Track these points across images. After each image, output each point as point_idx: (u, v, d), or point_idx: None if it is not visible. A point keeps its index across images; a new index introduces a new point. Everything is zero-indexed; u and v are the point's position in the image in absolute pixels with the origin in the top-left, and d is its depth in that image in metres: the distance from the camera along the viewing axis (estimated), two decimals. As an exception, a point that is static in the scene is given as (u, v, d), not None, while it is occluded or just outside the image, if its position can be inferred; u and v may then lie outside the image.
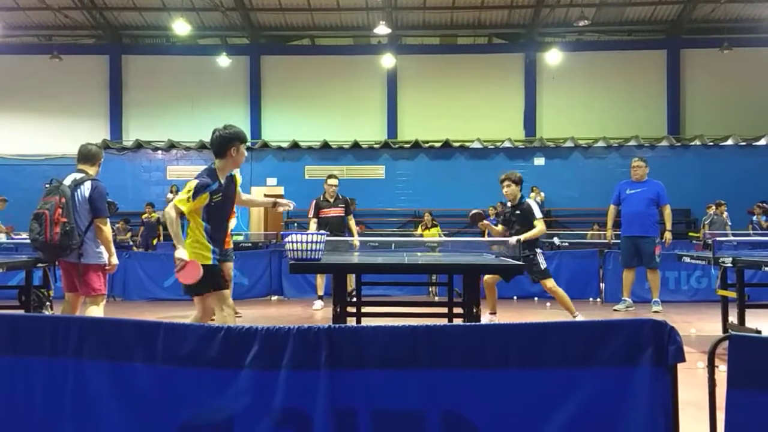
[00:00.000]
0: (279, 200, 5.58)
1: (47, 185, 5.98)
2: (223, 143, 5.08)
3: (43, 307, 6.77)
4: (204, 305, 5.11)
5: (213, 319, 5.13)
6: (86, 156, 6.16)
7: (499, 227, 8.23)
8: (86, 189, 5.89)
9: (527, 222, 7.91)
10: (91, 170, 6.10)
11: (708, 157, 20.89)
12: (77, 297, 6.03)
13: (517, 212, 7.98)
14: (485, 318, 7.54)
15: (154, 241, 17.74)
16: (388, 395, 2.49)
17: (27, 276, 6.71)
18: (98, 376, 2.62)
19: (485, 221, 7.85)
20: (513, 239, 7.30)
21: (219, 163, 5.10)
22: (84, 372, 2.63)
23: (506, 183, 8.00)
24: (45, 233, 5.62)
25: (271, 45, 24.61)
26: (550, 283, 7.87)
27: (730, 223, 16.92)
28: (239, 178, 5.39)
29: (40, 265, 6.58)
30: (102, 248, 5.92)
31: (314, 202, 10.24)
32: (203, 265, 4.86)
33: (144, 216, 18.55)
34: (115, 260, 6.03)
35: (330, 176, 10.38)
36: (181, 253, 4.83)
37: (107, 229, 5.93)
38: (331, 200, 10.11)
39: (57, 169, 23.34)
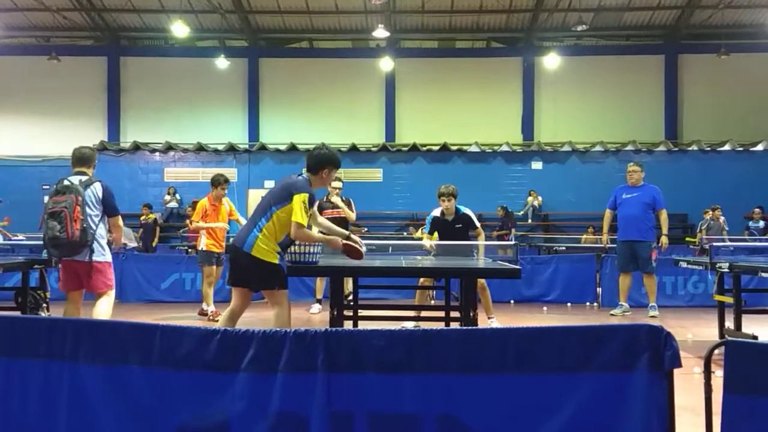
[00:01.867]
0: (353, 236, 5.37)
1: (54, 186, 6.09)
2: (322, 162, 5.13)
3: (39, 309, 6.75)
4: (274, 299, 5.03)
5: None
6: (82, 159, 6.27)
7: (425, 239, 7.93)
8: (98, 190, 6.05)
9: (468, 232, 7.85)
10: (90, 172, 6.22)
11: (705, 162, 20.94)
12: (80, 294, 6.18)
13: (459, 225, 7.81)
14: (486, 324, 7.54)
15: (153, 243, 17.71)
16: (384, 399, 2.49)
17: (24, 277, 6.69)
18: (94, 379, 2.62)
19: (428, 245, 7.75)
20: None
21: (310, 177, 5.14)
22: (80, 374, 2.63)
23: (447, 198, 7.72)
24: (66, 230, 5.77)
25: (269, 47, 24.63)
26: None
27: (727, 228, 16.95)
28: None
29: (36, 266, 6.56)
30: (106, 248, 6.11)
31: (317, 203, 10.13)
32: (272, 264, 4.90)
33: (142, 218, 18.53)
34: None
35: (335, 179, 10.25)
36: (334, 239, 5.11)
37: (121, 224, 6.25)
38: (335, 202, 10.04)
39: (54, 170, 23.49)
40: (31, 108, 23.66)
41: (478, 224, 7.92)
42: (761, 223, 18.17)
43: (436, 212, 7.94)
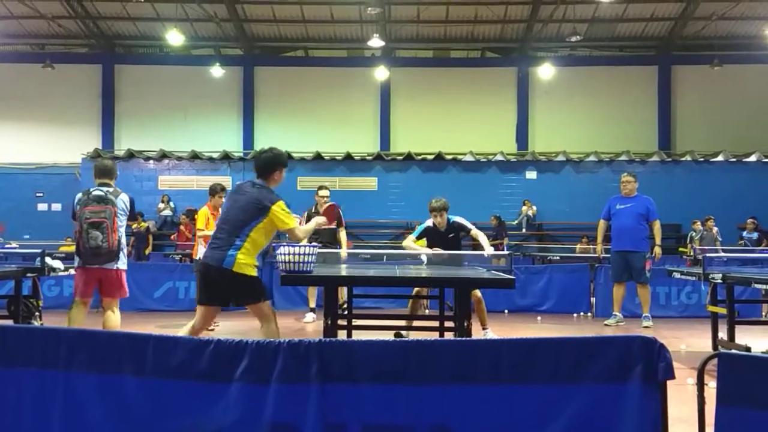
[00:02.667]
0: (319, 220, 5.76)
1: (82, 196, 6.29)
2: (271, 165, 5.31)
3: (32, 318, 6.72)
4: (260, 312, 5.09)
5: (212, 330, 5.16)
6: (105, 171, 6.54)
7: (411, 242, 7.88)
8: (126, 200, 6.44)
9: (460, 239, 7.79)
10: (113, 183, 6.53)
11: (698, 173, 21.01)
12: (91, 299, 6.61)
13: (451, 235, 7.70)
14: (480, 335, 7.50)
15: (146, 251, 17.64)
16: (378, 409, 2.49)
17: (16, 286, 6.65)
18: (88, 388, 2.61)
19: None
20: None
21: (263, 182, 5.28)
22: (73, 383, 2.62)
23: (440, 213, 7.61)
24: (108, 240, 6.12)
25: (264, 56, 24.65)
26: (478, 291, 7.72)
27: (720, 239, 16.99)
28: None
29: (29, 275, 6.54)
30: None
31: (305, 213, 10.09)
32: (253, 277, 5.02)
33: (134, 226, 18.45)
34: None
35: (320, 187, 10.14)
36: (319, 218, 5.64)
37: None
38: (322, 212, 9.98)
39: (48, 177, 23.49)
40: (25, 115, 23.61)
41: (470, 226, 7.82)
42: (755, 235, 18.23)
43: (429, 222, 7.91)
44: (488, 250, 7.36)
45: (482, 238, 7.75)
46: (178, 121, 23.62)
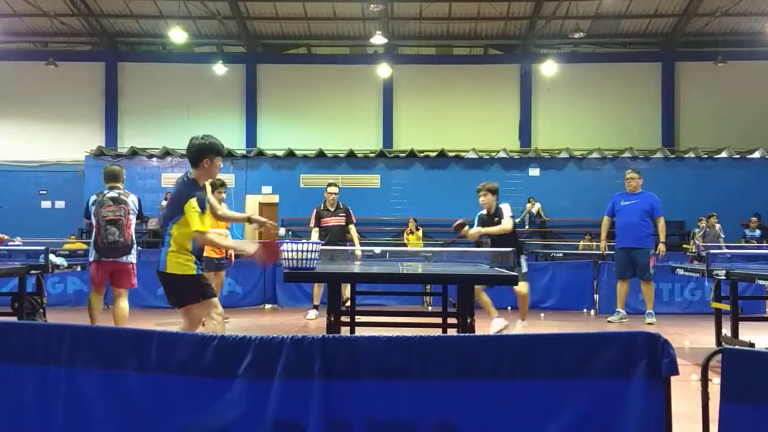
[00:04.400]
0: (254, 216, 5.49)
1: (97, 197, 7.11)
2: (198, 153, 4.95)
3: (36, 315, 6.76)
4: (190, 316, 5.03)
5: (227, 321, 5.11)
6: (114, 176, 7.30)
7: (474, 230, 8.29)
8: (135, 201, 7.26)
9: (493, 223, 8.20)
10: (121, 186, 7.29)
11: (702, 170, 20.97)
12: (104, 289, 7.31)
13: (495, 219, 8.21)
14: (499, 324, 7.63)
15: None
16: (381, 406, 2.49)
17: (20, 283, 6.67)
18: (91, 384, 2.61)
19: (466, 228, 8.15)
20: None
21: (194, 173, 4.98)
22: (77, 380, 2.62)
23: (483, 192, 8.33)
24: (123, 235, 6.92)
25: (267, 54, 24.65)
26: (523, 288, 8.18)
27: (723, 236, 16.97)
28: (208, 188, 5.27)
29: (33, 272, 6.58)
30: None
31: (315, 211, 10.02)
32: (186, 276, 4.83)
33: (153, 225, 18.43)
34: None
35: (330, 184, 10.07)
36: (249, 246, 5.00)
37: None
38: (332, 209, 9.85)
39: (52, 175, 23.53)
40: (28, 113, 23.65)
41: (506, 216, 8.27)
42: (757, 232, 18.24)
43: (482, 210, 8.37)
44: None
45: (494, 228, 8.04)
46: (180, 118, 23.62)
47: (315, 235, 9.60)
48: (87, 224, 7.61)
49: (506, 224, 8.11)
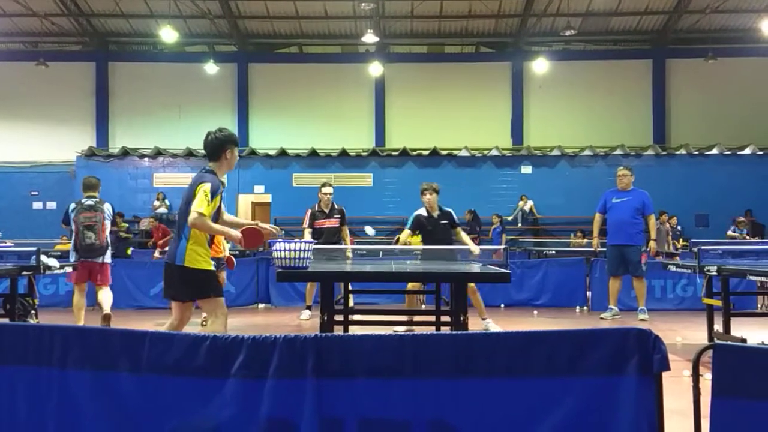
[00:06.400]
0: (261, 225, 5.42)
1: (75, 206, 8.08)
2: (219, 145, 5.03)
3: (28, 316, 6.74)
4: (181, 312, 5.02)
5: (204, 325, 5.10)
6: (91, 186, 8.24)
7: (407, 236, 8.11)
8: (109, 209, 8.21)
9: (450, 229, 8.05)
10: (97, 195, 8.18)
11: (693, 166, 21.06)
12: (86, 285, 8.14)
13: (444, 222, 8.00)
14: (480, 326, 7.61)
15: (128, 251, 17.42)
16: (375, 404, 2.49)
17: (12, 284, 6.65)
18: (83, 385, 2.60)
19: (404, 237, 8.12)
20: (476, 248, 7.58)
21: (214, 166, 5.05)
22: (69, 381, 2.61)
23: (429, 192, 7.99)
24: (99, 239, 7.92)
25: (258, 52, 24.61)
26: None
27: (671, 234, 17.20)
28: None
29: (25, 273, 6.55)
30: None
31: (309, 212, 9.68)
32: (205, 271, 4.86)
33: (113, 228, 18.24)
34: None
35: (324, 184, 9.84)
36: (233, 232, 4.93)
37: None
38: (327, 210, 9.62)
39: (43, 176, 23.42)
40: (18, 114, 23.54)
41: (458, 222, 8.19)
42: (744, 231, 18.41)
43: (420, 211, 8.10)
44: (475, 250, 7.56)
45: (465, 236, 7.96)
46: (172, 118, 23.57)
47: (308, 236, 9.45)
48: (66, 230, 8.51)
49: (464, 233, 8.25)
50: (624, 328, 2.50)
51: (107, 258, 8.14)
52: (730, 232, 17.77)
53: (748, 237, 18.26)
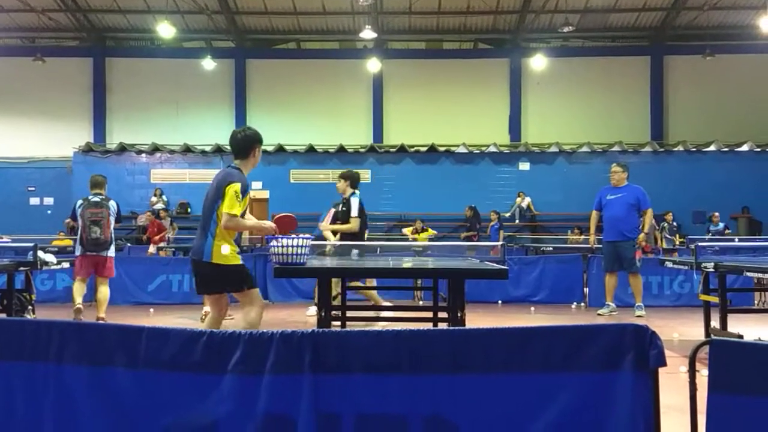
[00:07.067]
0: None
1: (82, 201, 8.56)
2: (249, 144, 5.12)
3: (25, 312, 6.74)
4: (218, 305, 5.10)
5: (231, 317, 5.13)
6: (98, 184, 8.77)
7: (323, 226, 8.53)
8: (114, 205, 8.69)
9: (346, 217, 8.24)
10: (104, 192, 8.70)
11: (691, 163, 21.08)
12: (88, 277, 8.58)
13: (343, 208, 8.32)
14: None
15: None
16: (372, 400, 2.49)
17: (9, 280, 6.65)
18: (80, 381, 2.60)
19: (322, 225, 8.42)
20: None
21: (240, 163, 5.10)
22: (65, 376, 2.61)
23: (338, 179, 8.60)
24: (104, 233, 8.38)
25: (256, 48, 24.57)
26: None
27: (658, 231, 17.40)
28: None
29: (22, 269, 6.55)
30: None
31: (332, 209, 9.17)
32: (236, 266, 4.92)
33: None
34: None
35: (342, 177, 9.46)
36: (266, 224, 5.06)
37: None
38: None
39: (40, 171, 23.39)
40: (16, 109, 23.49)
41: (353, 214, 8.23)
42: (720, 225, 18.48)
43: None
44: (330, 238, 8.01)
45: (342, 227, 8.21)
46: (170, 114, 23.53)
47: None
48: (71, 224, 9.35)
49: (352, 225, 8.22)
50: (621, 324, 2.50)
51: (111, 252, 8.59)
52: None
53: (727, 231, 18.32)
